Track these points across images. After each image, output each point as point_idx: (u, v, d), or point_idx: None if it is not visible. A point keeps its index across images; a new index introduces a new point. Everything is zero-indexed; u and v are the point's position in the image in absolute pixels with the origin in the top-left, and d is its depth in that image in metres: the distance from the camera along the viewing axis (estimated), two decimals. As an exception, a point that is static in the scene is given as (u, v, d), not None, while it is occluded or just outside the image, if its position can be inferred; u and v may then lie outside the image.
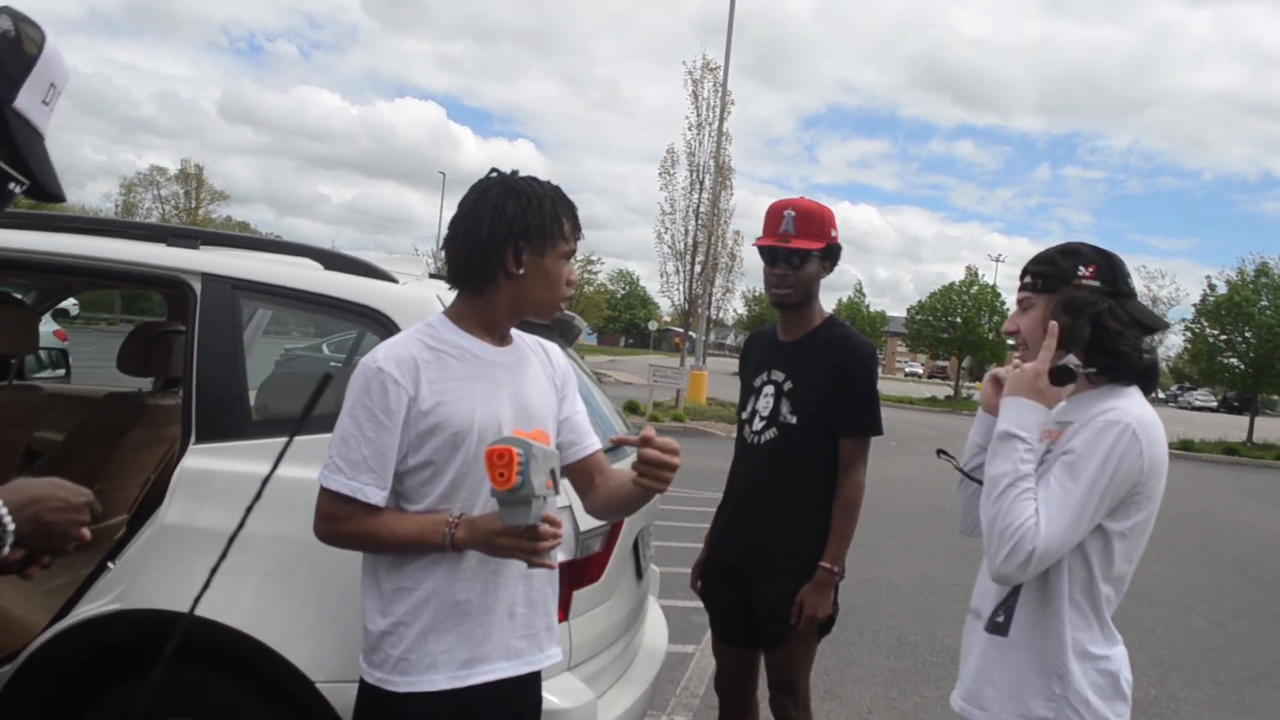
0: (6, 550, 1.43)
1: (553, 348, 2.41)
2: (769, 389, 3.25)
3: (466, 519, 2.02)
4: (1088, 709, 2.10)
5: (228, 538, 1.81)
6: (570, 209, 2.19)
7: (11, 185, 1.38)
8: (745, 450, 3.30)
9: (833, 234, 3.22)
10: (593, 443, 2.35)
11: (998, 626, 2.18)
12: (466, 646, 2.09)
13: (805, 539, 3.16)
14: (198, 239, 3.04)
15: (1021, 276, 2.31)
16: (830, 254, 3.23)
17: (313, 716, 2.56)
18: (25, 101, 1.44)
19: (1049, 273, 2.23)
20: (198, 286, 2.85)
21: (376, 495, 2.04)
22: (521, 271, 2.12)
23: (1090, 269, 2.23)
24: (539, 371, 2.29)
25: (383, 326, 2.80)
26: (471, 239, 2.12)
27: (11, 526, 1.43)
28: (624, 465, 2.39)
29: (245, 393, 2.81)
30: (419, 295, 2.87)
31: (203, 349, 2.79)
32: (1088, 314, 2.16)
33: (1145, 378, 2.20)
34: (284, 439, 2.54)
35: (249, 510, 1.08)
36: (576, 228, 2.21)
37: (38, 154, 1.38)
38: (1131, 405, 2.14)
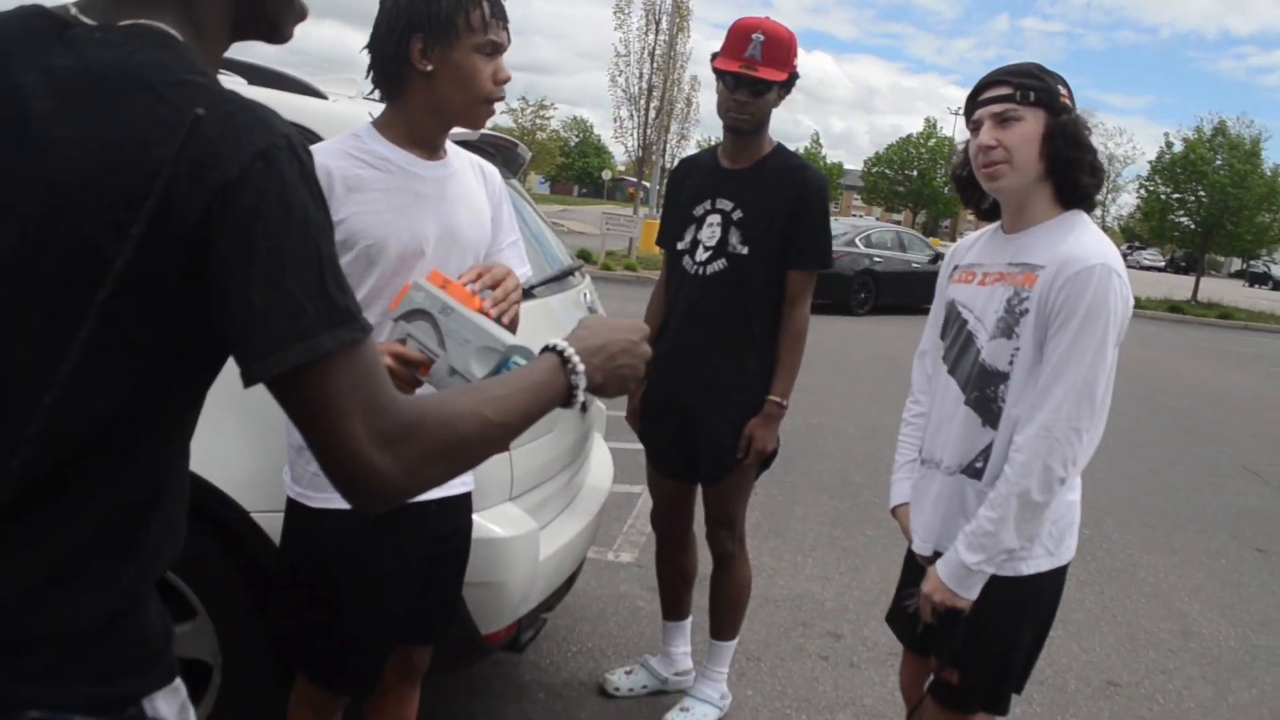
0: (581, 400, 1.33)
1: (490, 170, 2.27)
2: (714, 218, 3.12)
3: None
4: (1053, 541, 2.15)
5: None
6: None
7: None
8: (686, 282, 3.17)
9: (795, 62, 3.06)
10: (525, 272, 2.26)
11: (976, 471, 2.17)
12: None
13: (755, 372, 3.11)
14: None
15: (987, 88, 2.15)
16: (790, 82, 3.08)
17: (248, 546, 2.51)
18: None
19: (1040, 87, 2.10)
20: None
21: None
22: (430, 69, 1.96)
23: (1065, 89, 2.15)
24: (474, 192, 2.16)
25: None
26: (376, 37, 1.99)
27: (583, 384, 1.31)
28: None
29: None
30: (350, 112, 2.69)
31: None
32: (1090, 152, 2.11)
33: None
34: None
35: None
36: (495, 17, 1.96)
37: None
38: (1097, 238, 2.09)
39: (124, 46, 1.00)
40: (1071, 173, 2.11)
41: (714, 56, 3.06)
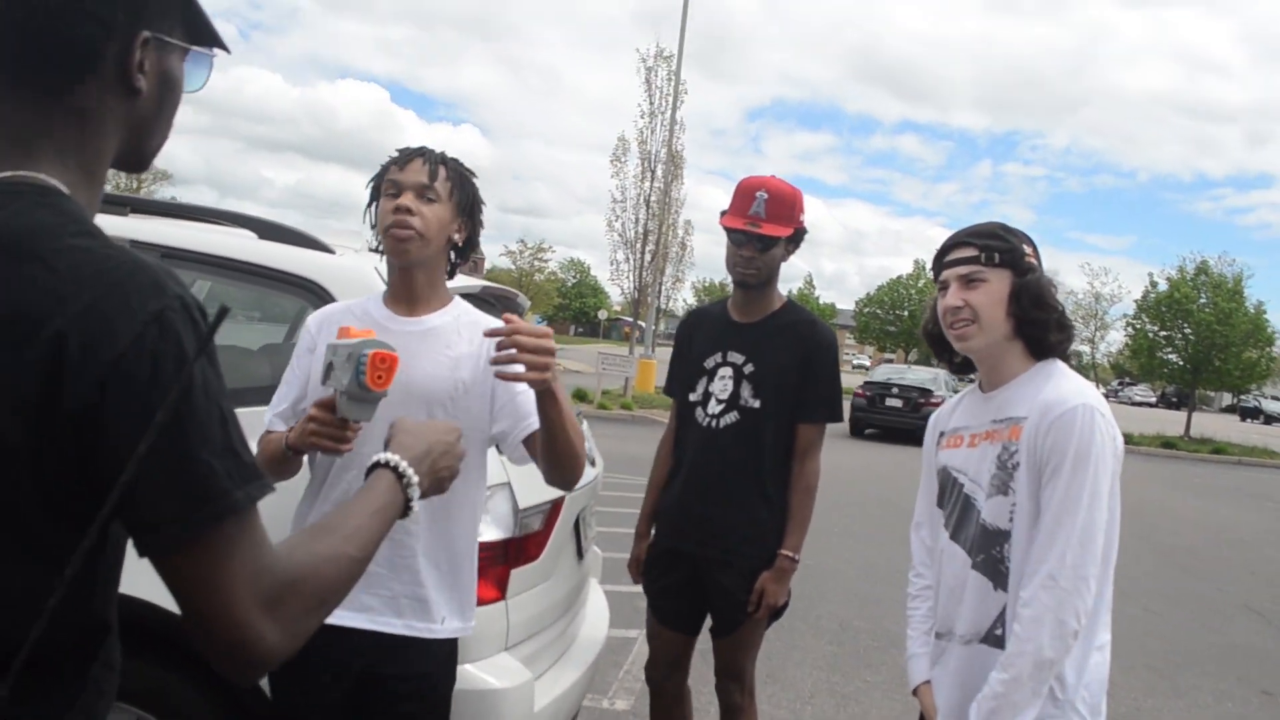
0: (416, 509, 1.34)
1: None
2: (726, 370, 3.16)
3: (298, 425, 2.07)
4: (1088, 708, 2.06)
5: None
6: (401, 154, 2.30)
7: (215, 53, 1.22)
8: (697, 433, 3.19)
9: (800, 218, 3.16)
10: (534, 421, 2.26)
11: (996, 640, 2.10)
12: None
13: (768, 524, 3.11)
14: (126, 205, 2.94)
15: (953, 250, 2.20)
16: (797, 238, 3.18)
17: (223, 682, 2.49)
18: None
19: (1004, 248, 2.14)
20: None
21: (279, 424, 2.26)
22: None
23: (1031, 249, 2.20)
24: (449, 347, 2.27)
25: (319, 299, 2.73)
26: None
27: (417, 495, 1.34)
28: None
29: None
30: (356, 266, 2.79)
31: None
32: (1056, 311, 2.13)
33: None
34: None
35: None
36: (397, 164, 2.27)
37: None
38: (1074, 382, 2.11)
39: (3, 210, 0.96)
40: (1038, 330, 2.14)
41: (722, 214, 3.17)
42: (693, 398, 3.23)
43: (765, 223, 3.07)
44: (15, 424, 0.91)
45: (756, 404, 3.10)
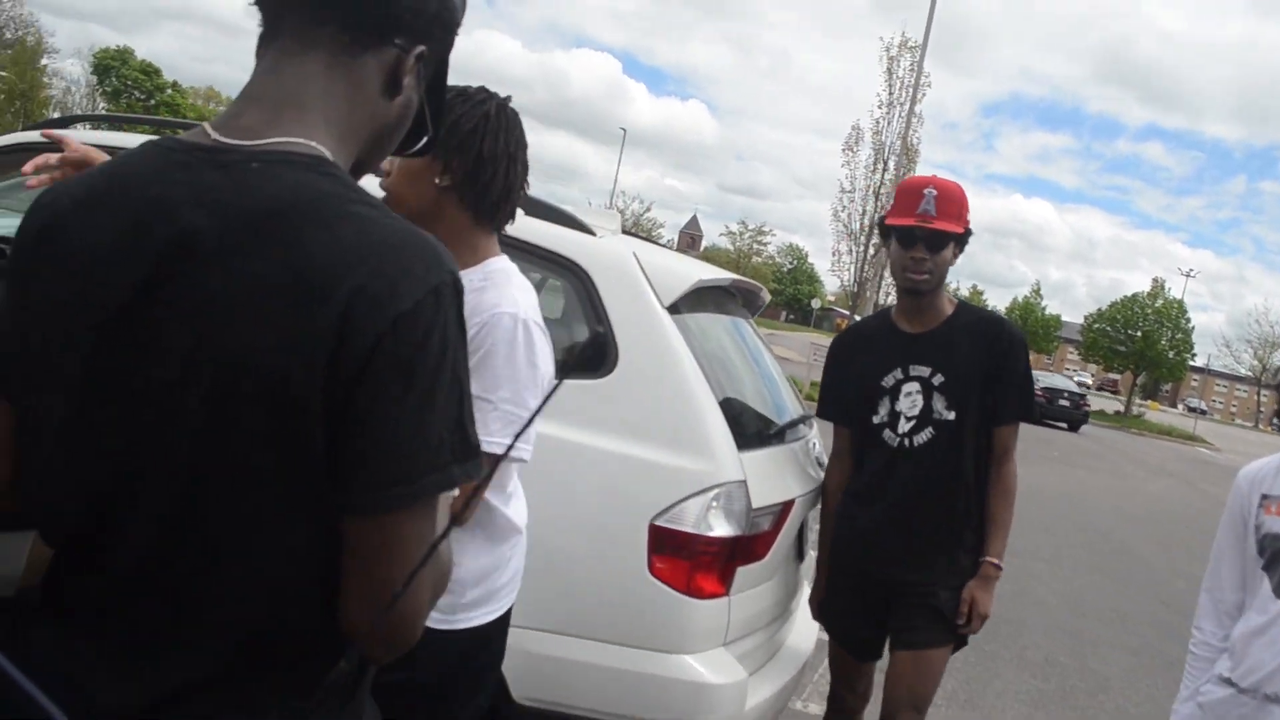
0: None
1: (499, 317, 1.84)
2: (911, 386, 2.99)
3: None
4: None
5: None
6: None
7: (424, 139, 1.23)
8: (886, 455, 3.00)
9: (968, 217, 3.00)
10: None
11: None
12: None
13: (972, 542, 2.95)
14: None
15: None
16: (965, 239, 3.01)
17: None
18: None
19: None
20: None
21: None
22: None
23: None
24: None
25: (579, 280, 2.76)
26: None
27: None
28: None
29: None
30: (617, 251, 2.83)
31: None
32: None
33: None
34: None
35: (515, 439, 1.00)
36: None
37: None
38: None
39: (284, 177, 0.99)
40: None
41: (881, 219, 3.07)
42: (876, 420, 3.03)
43: (936, 219, 2.90)
44: (311, 384, 0.94)
45: (951, 416, 2.93)
